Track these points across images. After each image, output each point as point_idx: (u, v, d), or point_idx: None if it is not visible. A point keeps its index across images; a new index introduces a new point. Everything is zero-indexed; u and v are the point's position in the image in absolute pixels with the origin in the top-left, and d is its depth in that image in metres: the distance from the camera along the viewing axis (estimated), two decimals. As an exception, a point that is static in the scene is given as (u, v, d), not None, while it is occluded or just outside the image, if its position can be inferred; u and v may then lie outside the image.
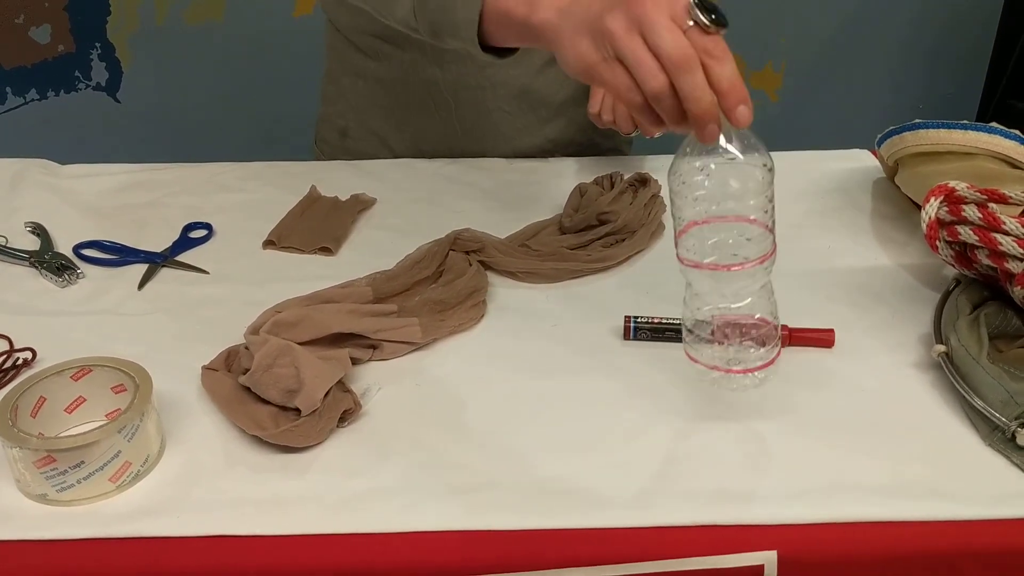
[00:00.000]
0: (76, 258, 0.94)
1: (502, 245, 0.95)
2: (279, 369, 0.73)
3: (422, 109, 1.16)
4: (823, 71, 2.36)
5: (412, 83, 1.14)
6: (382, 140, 1.20)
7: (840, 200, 1.06)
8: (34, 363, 0.80)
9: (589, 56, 0.66)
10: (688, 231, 0.67)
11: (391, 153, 1.20)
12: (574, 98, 1.18)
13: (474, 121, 1.16)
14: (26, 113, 2.26)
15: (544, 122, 1.17)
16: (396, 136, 1.19)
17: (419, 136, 1.18)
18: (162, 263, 0.94)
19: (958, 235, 0.78)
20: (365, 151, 1.20)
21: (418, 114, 1.16)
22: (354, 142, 1.21)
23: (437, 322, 0.85)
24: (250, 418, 0.72)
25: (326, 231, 0.99)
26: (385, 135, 1.19)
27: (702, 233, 0.67)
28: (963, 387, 0.74)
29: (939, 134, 0.90)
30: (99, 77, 2.25)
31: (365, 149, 1.20)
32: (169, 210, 1.03)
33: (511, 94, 1.14)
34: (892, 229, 1.00)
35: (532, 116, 1.16)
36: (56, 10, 2.18)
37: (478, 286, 0.89)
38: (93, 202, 1.05)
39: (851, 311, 0.87)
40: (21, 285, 0.91)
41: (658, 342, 0.83)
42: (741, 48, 2.30)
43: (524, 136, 1.18)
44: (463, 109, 1.15)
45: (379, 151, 1.20)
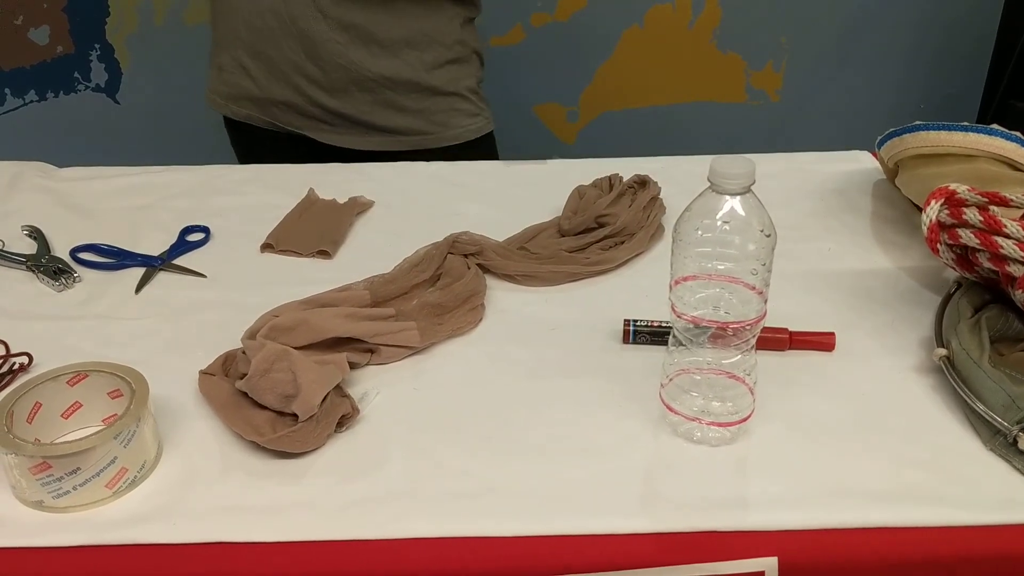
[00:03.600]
0: (73, 262, 0.94)
1: (500, 248, 0.95)
2: (276, 374, 0.73)
3: (271, 39, 1.21)
4: (824, 71, 2.35)
5: (261, 13, 1.20)
6: (245, 70, 1.25)
7: (840, 202, 1.06)
8: (30, 368, 0.80)
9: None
10: (682, 283, 0.70)
11: (254, 82, 1.25)
12: (407, 40, 1.22)
13: (313, 51, 1.20)
14: (25, 114, 2.25)
15: (376, 58, 1.21)
16: (254, 65, 1.24)
17: (272, 65, 1.23)
18: (159, 267, 0.93)
19: (959, 238, 0.78)
20: (237, 82, 1.27)
21: (269, 44, 1.22)
22: (228, 74, 1.28)
23: (435, 326, 0.84)
24: (247, 423, 0.72)
25: (324, 234, 0.99)
26: (246, 65, 1.25)
27: (694, 287, 0.69)
28: (964, 391, 0.74)
29: (939, 136, 0.90)
30: (98, 78, 2.25)
31: (236, 80, 1.27)
32: (166, 213, 1.03)
33: (341, 27, 1.18)
34: (892, 231, 1.00)
35: (364, 50, 1.20)
36: (55, 11, 2.17)
37: (476, 289, 0.89)
38: (90, 205, 1.05)
39: (852, 314, 0.87)
40: (17, 289, 0.91)
41: (657, 346, 0.82)
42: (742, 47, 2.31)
43: (360, 69, 1.21)
44: (303, 39, 1.20)
45: (245, 80, 1.26)
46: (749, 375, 0.72)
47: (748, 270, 0.68)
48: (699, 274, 0.69)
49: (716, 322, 0.69)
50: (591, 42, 2.16)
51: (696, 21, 2.26)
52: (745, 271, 0.68)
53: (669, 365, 0.73)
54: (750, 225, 0.67)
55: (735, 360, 0.70)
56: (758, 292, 0.68)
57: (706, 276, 0.69)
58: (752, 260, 0.67)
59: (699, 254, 0.68)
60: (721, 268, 0.68)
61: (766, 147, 2.46)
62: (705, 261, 0.68)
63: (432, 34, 1.23)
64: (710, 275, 0.69)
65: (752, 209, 0.67)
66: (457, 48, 1.28)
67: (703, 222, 0.67)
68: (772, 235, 0.67)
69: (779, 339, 0.81)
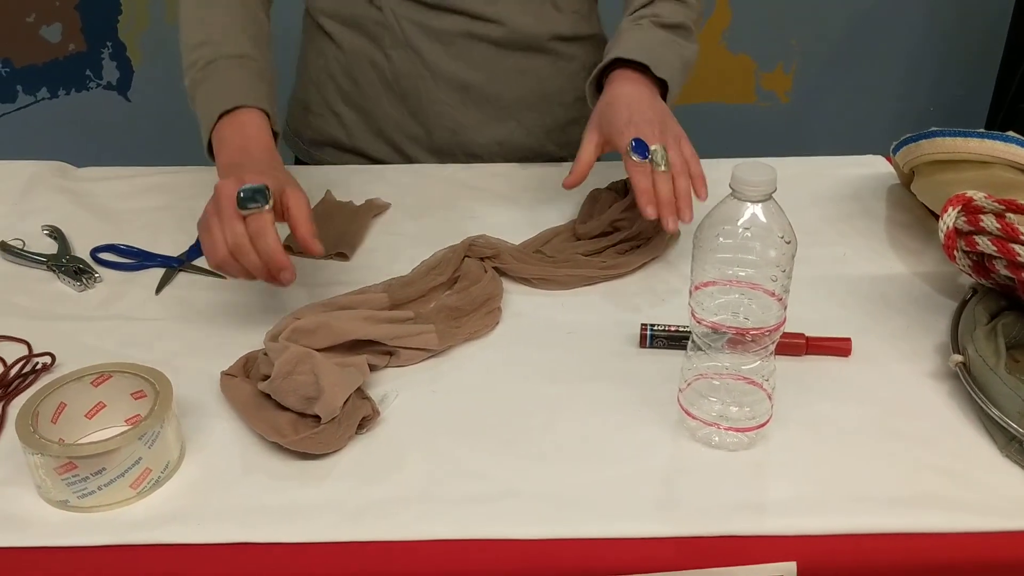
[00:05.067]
0: (93, 262, 0.95)
1: (516, 252, 0.95)
2: (299, 376, 0.73)
3: (372, 92, 1.17)
4: (834, 72, 2.35)
5: (362, 66, 1.16)
6: (338, 118, 1.21)
7: (855, 207, 1.06)
8: (53, 368, 0.80)
9: (207, 208, 0.83)
10: (702, 289, 0.70)
11: (345, 132, 1.21)
12: (525, 101, 1.18)
13: (419, 109, 1.17)
14: (37, 112, 2.27)
15: (491, 120, 1.17)
16: (350, 115, 1.20)
17: (370, 118, 1.19)
18: (179, 268, 0.94)
19: (976, 245, 0.78)
20: (323, 128, 1.22)
21: (369, 96, 1.18)
22: (315, 117, 1.23)
23: (452, 329, 0.85)
24: (269, 424, 0.73)
25: (341, 236, 0.99)
26: (340, 112, 1.21)
27: (714, 292, 0.70)
28: (980, 397, 0.74)
29: (955, 142, 0.90)
30: (110, 76, 2.26)
31: (323, 126, 1.22)
32: (185, 213, 1.04)
33: (452, 87, 1.15)
34: (907, 237, 1.00)
35: (477, 112, 1.16)
36: (67, 9, 2.18)
37: (493, 293, 0.89)
38: (109, 205, 1.06)
39: (867, 319, 0.87)
40: (39, 289, 0.92)
41: (674, 350, 0.83)
42: (752, 49, 2.31)
43: (470, 132, 1.18)
44: (408, 97, 1.16)
45: (335, 128, 1.21)
46: (767, 381, 0.72)
47: (768, 276, 0.68)
48: (719, 280, 0.70)
49: (735, 328, 0.69)
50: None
51: (707, 22, 2.27)
52: (765, 277, 0.68)
53: (687, 370, 0.74)
54: (771, 232, 0.67)
55: (754, 366, 0.71)
56: (778, 299, 0.69)
57: (726, 282, 0.70)
58: (772, 267, 0.68)
59: (719, 260, 0.69)
60: (741, 274, 0.69)
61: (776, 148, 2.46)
62: (725, 267, 0.69)
63: (554, 93, 1.17)
64: (730, 281, 0.69)
65: (773, 216, 0.67)
66: (578, 106, 1.20)
67: (724, 228, 0.68)
68: (793, 242, 0.68)
69: (796, 344, 0.82)
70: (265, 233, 0.79)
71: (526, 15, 1.13)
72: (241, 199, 0.80)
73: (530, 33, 1.14)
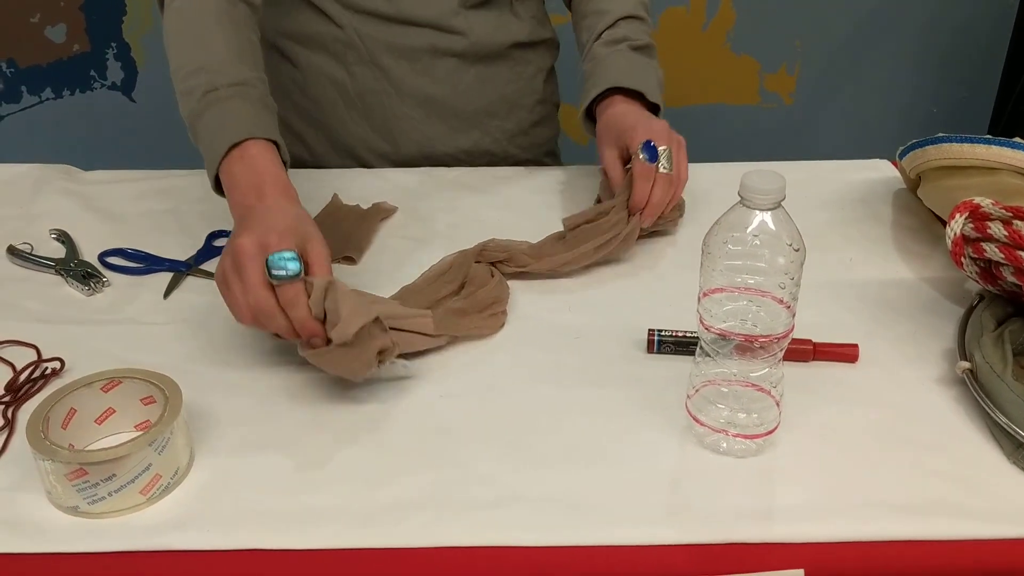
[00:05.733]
0: (101, 266, 0.95)
1: (531, 249, 0.96)
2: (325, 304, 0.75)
3: (333, 109, 1.16)
4: (837, 74, 2.35)
5: (322, 83, 1.16)
6: (298, 137, 1.20)
7: (861, 211, 1.06)
8: (62, 372, 0.81)
9: (224, 265, 0.77)
10: (710, 295, 0.70)
11: (308, 152, 1.20)
12: (488, 109, 1.18)
13: (383, 124, 1.16)
14: (41, 112, 2.27)
15: (456, 131, 1.17)
16: (312, 134, 1.20)
17: (333, 134, 1.19)
18: (187, 272, 0.94)
19: (983, 252, 0.78)
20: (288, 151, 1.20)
21: (330, 114, 1.17)
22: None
23: (452, 320, 0.85)
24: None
25: (349, 240, 0.99)
26: (300, 131, 1.20)
27: (723, 299, 0.70)
28: (987, 404, 0.74)
29: (962, 148, 0.90)
30: (114, 76, 2.26)
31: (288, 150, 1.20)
32: (193, 217, 1.04)
33: (417, 102, 1.14)
34: (914, 241, 1.00)
35: (442, 124, 1.16)
36: (72, 9, 2.18)
37: (498, 297, 0.89)
38: (117, 209, 1.06)
39: (874, 325, 0.87)
40: (47, 293, 0.92)
41: (682, 355, 0.83)
42: (756, 51, 2.31)
43: (435, 144, 1.18)
44: (372, 113, 1.16)
45: (296, 147, 1.20)
46: (776, 387, 0.72)
47: (777, 284, 0.69)
48: (728, 287, 0.70)
49: (744, 335, 0.69)
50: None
51: (710, 23, 2.27)
52: (774, 285, 0.69)
53: (696, 376, 0.74)
54: (780, 239, 0.67)
55: (762, 373, 0.71)
56: (786, 306, 0.69)
57: (735, 289, 0.70)
58: (781, 274, 0.68)
59: (728, 267, 0.69)
60: (750, 281, 0.69)
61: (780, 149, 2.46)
62: (734, 274, 0.69)
63: (515, 98, 1.18)
64: (739, 288, 0.70)
65: (782, 224, 0.67)
66: (539, 109, 1.23)
67: (733, 235, 0.68)
68: (801, 250, 0.68)
69: (803, 350, 0.82)
70: (297, 303, 0.74)
71: (487, 24, 1.13)
72: (272, 273, 0.74)
73: (492, 42, 1.15)
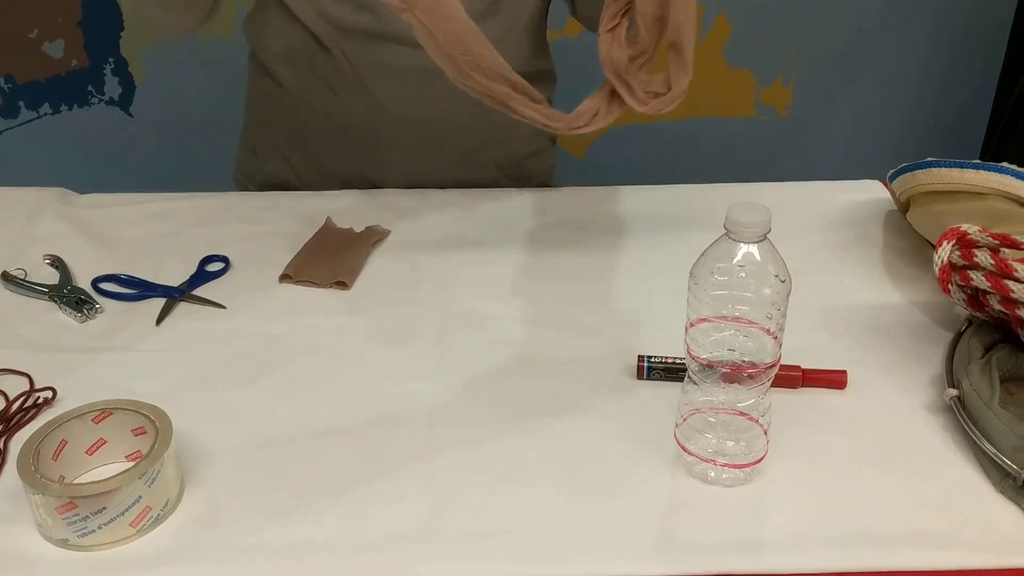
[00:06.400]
0: (94, 292, 0.95)
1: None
2: None
3: (320, 135, 1.17)
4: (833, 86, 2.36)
5: (310, 109, 1.15)
6: (285, 159, 1.21)
7: (852, 233, 1.07)
8: (54, 402, 0.81)
9: None
10: (697, 325, 0.71)
11: (293, 173, 1.21)
12: (480, 138, 1.17)
13: (371, 153, 1.16)
14: (39, 127, 2.27)
15: (446, 159, 1.15)
16: (298, 156, 1.20)
17: (319, 160, 1.19)
18: (179, 297, 0.95)
19: (970, 280, 0.79)
20: (272, 171, 1.22)
21: (317, 139, 1.17)
22: (263, 160, 1.23)
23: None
24: None
25: (341, 265, 1.00)
26: (287, 154, 1.20)
27: (709, 329, 0.70)
28: (974, 432, 0.74)
29: (951, 173, 0.91)
30: (112, 91, 2.26)
31: (272, 169, 1.22)
32: (186, 241, 1.04)
33: (407, 128, 1.13)
34: (904, 264, 1.01)
35: (431, 152, 1.14)
36: (70, 25, 2.19)
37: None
38: (111, 233, 1.06)
39: (863, 350, 0.88)
40: (40, 319, 0.92)
41: (672, 382, 0.83)
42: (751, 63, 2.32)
43: (424, 173, 1.17)
44: (360, 141, 1.15)
45: (284, 171, 1.21)
46: (764, 416, 0.73)
47: (764, 314, 0.69)
48: (715, 316, 0.70)
49: (731, 365, 0.70)
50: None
51: (706, 37, 2.28)
52: (761, 315, 0.69)
53: (683, 405, 0.75)
54: (766, 271, 0.68)
55: (750, 403, 0.71)
56: (773, 336, 0.70)
57: (721, 319, 0.70)
58: (768, 304, 0.69)
59: (715, 297, 0.70)
60: (737, 312, 0.69)
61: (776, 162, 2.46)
62: (721, 304, 0.70)
63: (509, 128, 1.13)
64: (726, 318, 0.70)
65: (768, 255, 0.68)
66: (533, 141, 1.22)
67: (719, 266, 0.69)
68: (787, 281, 0.68)
69: (792, 377, 0.82)
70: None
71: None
72: None
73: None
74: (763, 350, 0.70)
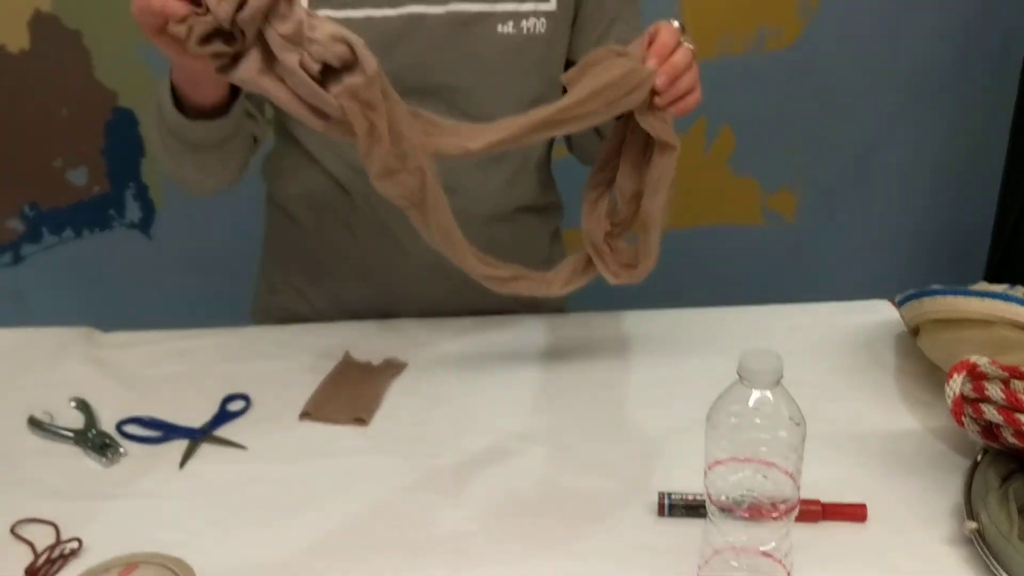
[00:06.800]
0: (119, 435, 0.97)
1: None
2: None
3: (338, 271, 1.20)
4: (839, 192, 2.40)
5: (328, 246, 1.19)
6: (302, 294, 1.23)
7: (864, 357, 1.08)
8: (80, 552, 0.82)
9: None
10: (715, 467, 0.72)
11: (309, 306, 1.23)
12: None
13: (387, 288, 1.19)
14: (61, 251, 2.33)
15: (459, 291, 1.16)
16: (314, 291, 1.23)
17: (336, 295, 1.21)
18: (202, 439, 0.96)
19: (983, 413, 0.80)
20: (290, 306, 1.24)
21: (335, 275, 1.20)
22: (280, 297, 1.25)
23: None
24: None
25: (360, 401, 1.01)
26: (304, 289, 1.23)
27: (727, 472, 0.71)
28: (995, 566, 0.74)
29: (957, 301, 0.92)
30: (133, 216, 2.32)
31: (289, 304, 1.24)
32: (208, 380, 1.06)
33: (422, 264, 1.14)
34: (918, 388, 1.01)
35: (445, 285, 1.16)
36: (93, 153, 2.26)
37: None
38: (135, 372, 1.08)
39: (882, 481, 0.88)
40: (66, 464, 0.94)
41: (694, 518, 0.84)
42: (757, 171, 2.37)
43: (437, 304, 1.19)
44: (375, 275, 1.18)
45: (301, 306, 1.23)
46: (786, 557, 0.73)
47: (780, 455, 0.70)
48: (733, 458, 0.71)
49: (751, 507, 0.70)
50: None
51: (711, 147, 2.33)
52: (777, 455, 0.70)
53: (706, 546, 0.75)
54: (780, 414, 0.69)
55: (772, 546, 0.72)
56: (791, 476, 0.70)
57: (740, 460, 0.71)
58: (784, 446, 0.70)
59: (732, 441, 0.71)
60: (754, 453, 0.70)
61: (783, 269, 2.48)
62: (738, 447, 0.71)
63: (520, 260, 1.12)
64: (744, 459, 0.71)
65: (782, 398, 0.69)
66: (542, 269, 1.21)
67: (734, 409, 0.70)
68: (802, 424, 0.70)
69: (812, 511, 0.83)
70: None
71: (494, 185, 1.15)
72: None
73: (497, 204, 1.17)
74: (782, 490, 0.71)
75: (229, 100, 0.98)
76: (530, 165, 1.19)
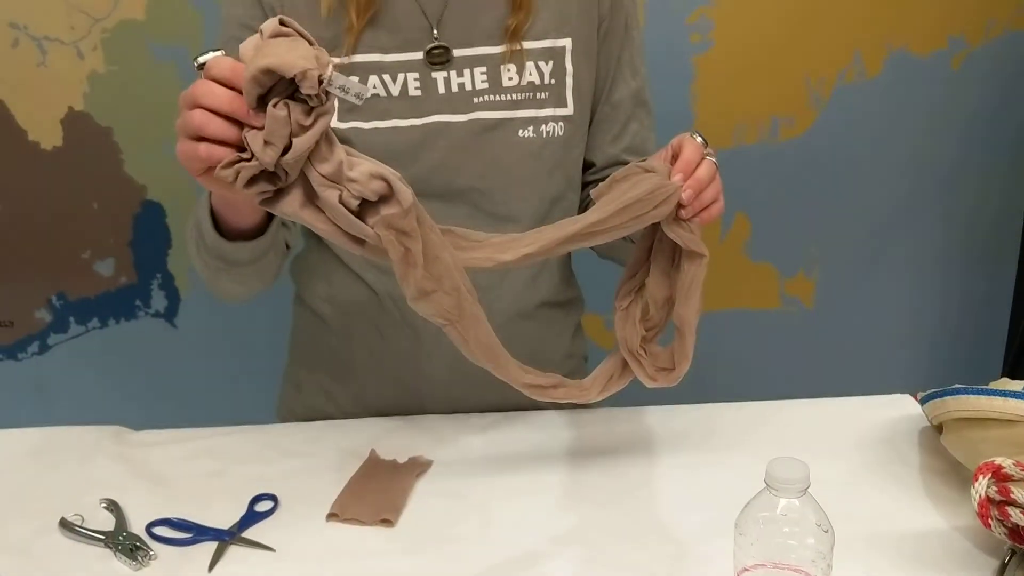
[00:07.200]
0: (148, 537, 0.98)
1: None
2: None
3: (364, 370, 1.22)
4: (857, 275, 2.41)
5: (355, 346, 1.21)
6: (328, 395, 1.25)
7: (887, 453, 1.08)
8: (111, 660, 0.82)
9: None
10: (745, 574, 0.73)
11: (334, 405, 1.25)
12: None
13: (412, 386, 1.20)
14: (87, 340, 2.36)
15: (482, 388, 1.15)
16: (339, 389, 1.24)
17: (361, 394, 1.23)
18: (230, 540, 0.97)
19: (1009, 516, 0.80)
20: (315, 404, 1.26)
21: (360, 374, 1.22)
22: (306, 395, 1.27)
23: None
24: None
25: (386, 501, 1.02)
26: (329, 388, 1.25)
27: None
28: (1031, 674, 0.74)
29: (979, 401, 0.93)
30: (158, 305, 2.36)
31: (314, 403, 1.26)
32: (236, 480, 1.07)
33: (447, 363, 1.16)
34: (943, 485, 1.01)
35: (469, 383, 1.17)
36: (120, 245, 2.31)
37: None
38: (164, 471, 1.10)
39: (911, 583, 0.88)
40: (97, 568, 0.94)
41: (720, 624, 0.84)
42: (772, 255, 2.39)
43: (461, 402, 1.20)
44: (402, 374, 1.20)
45: (326, 405, 1.25)
46: None
47: (809, 561, 0.70)
48: (762, 564, 0.72)
49: None
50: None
51: (727, 235, 2.36)
52: (807, 562, 0.70)
53: None
54: (808, 521, 0.70)
55: None
56: None
57: (769, 565, 0.72)
58: (813, 552, 0.70)
59: (761, 546, 0.71)
60: (783, 559, 0.71)
61: (802, 354, 2.48)
62: (767, 553, 0.71)
63: (543, 354, 1.17)
64: (774, 564, 0.71)
65: (809, 506, 0.70)
66: (567, 363, 1.27)
67: (762, 516, 0.71)
68: (830, 531, 0.70)
69: (841, 617, 0.82)
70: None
71: (516, 283, 1.18)
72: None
73: (520, 300, 1.19)
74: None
75: (267, 221, 1.01)
76: (552, 262, 1.21)
